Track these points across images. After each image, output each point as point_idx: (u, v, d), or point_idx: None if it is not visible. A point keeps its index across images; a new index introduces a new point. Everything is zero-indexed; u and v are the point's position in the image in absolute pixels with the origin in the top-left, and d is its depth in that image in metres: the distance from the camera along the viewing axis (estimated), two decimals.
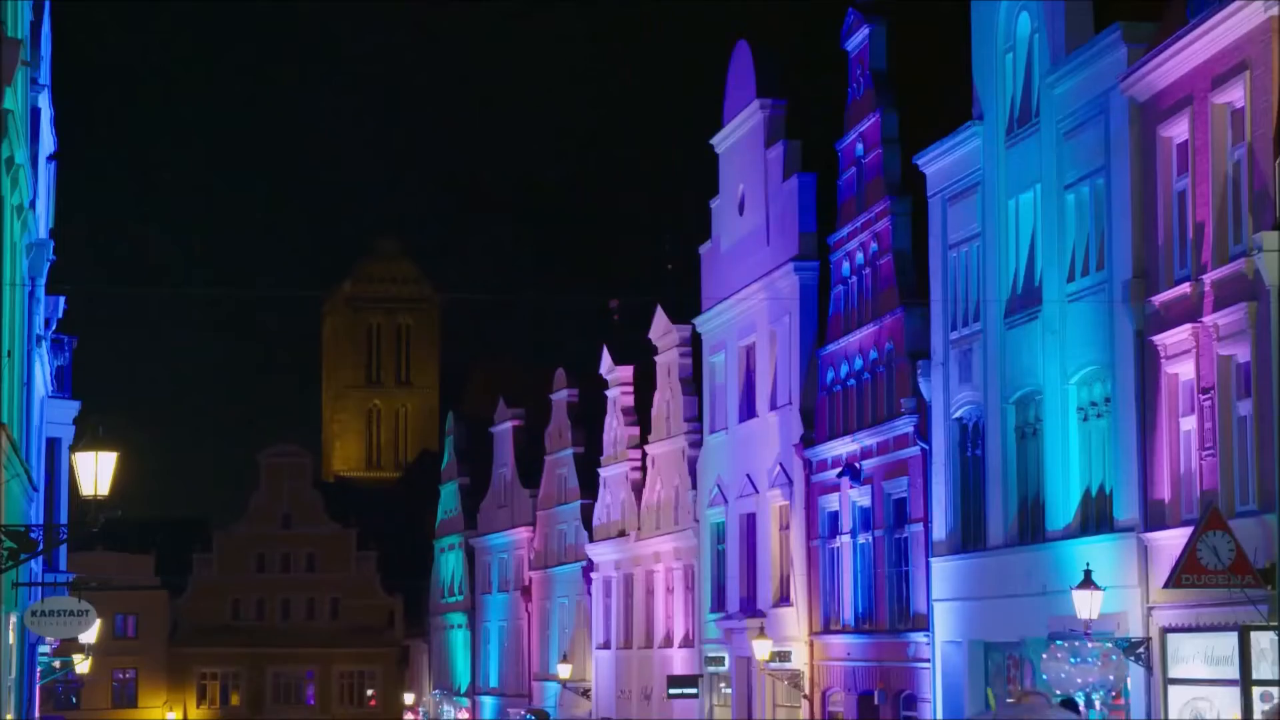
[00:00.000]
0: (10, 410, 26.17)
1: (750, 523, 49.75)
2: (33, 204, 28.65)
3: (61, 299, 36.35)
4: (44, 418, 35.32)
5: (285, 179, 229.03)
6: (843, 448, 42.86)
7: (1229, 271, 27.70)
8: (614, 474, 62.33)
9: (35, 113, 29.84)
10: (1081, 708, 29.52)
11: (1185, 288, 28.95)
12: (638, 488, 59.88)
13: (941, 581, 37.88)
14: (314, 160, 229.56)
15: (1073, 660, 29.12)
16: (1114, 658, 29.43)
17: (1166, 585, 27.45)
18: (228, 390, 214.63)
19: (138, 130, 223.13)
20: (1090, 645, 29.24)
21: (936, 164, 38.36)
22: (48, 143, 33.30)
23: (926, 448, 38.57)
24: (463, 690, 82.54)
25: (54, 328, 36.34)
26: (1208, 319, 28.20)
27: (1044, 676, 29.71)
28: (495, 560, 79.14)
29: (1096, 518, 32.20)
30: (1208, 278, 28.31)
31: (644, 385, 60.41)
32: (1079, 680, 29.33)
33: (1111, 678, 29.52)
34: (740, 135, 50.61)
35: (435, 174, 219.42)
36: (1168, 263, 29.79)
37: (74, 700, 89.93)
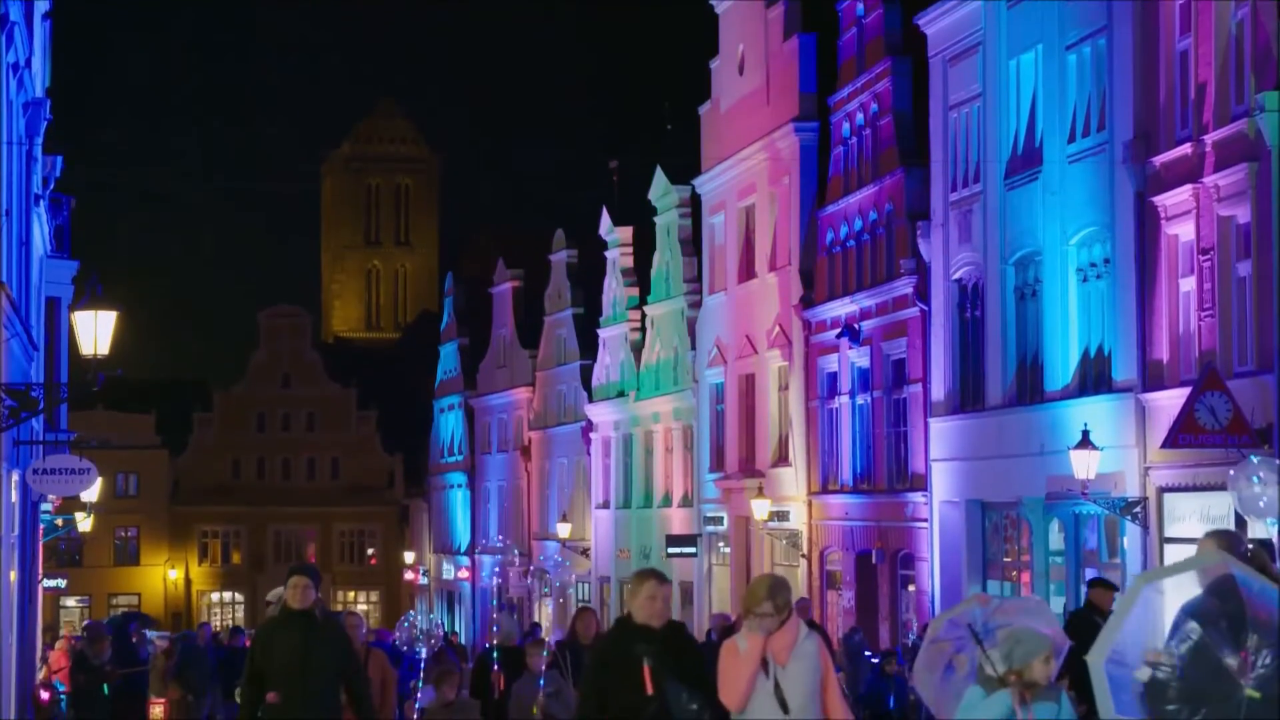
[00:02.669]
0: (9, 269, 26.17)
1: (749, 383, 49.87)
2: (28, 62, 28.49)
3: (59, 158, 36.23)
4: (43, 277, 35.33)
5: (284, 38, 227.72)
6: (842, 309, 42.90)
7: (1230, 132, 27.62)
8: (613, 335, 62.40)
9: None
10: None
11: (1186, 148, 28.86)
12: (637, 348, 59.96)
13: (939, 442, 38.04)
14: (313, 21, 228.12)
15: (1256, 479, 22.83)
16: None
17: (1164, 445, 27.59)
18: (227, 251, 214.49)
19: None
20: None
21: (937, 24, 38.14)
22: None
23: (925, 309, 38.60)
24: (462, 549, 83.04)
25: (52, 187, 36.26)
26: (1208, 179, 28.14)
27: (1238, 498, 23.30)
28: (495, 420, 79.38)
29: (1095, 378, 32.29)
30: (1209, 138, 28.22)
31: (643, 246, 60.33)
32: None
33: None
34: None
35: (434, 34, 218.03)
36: (1169, 123, 29.69)
37: (77, 557, 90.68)
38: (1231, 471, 22.66)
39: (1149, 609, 9.74)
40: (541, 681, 18.76)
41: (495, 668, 21.08)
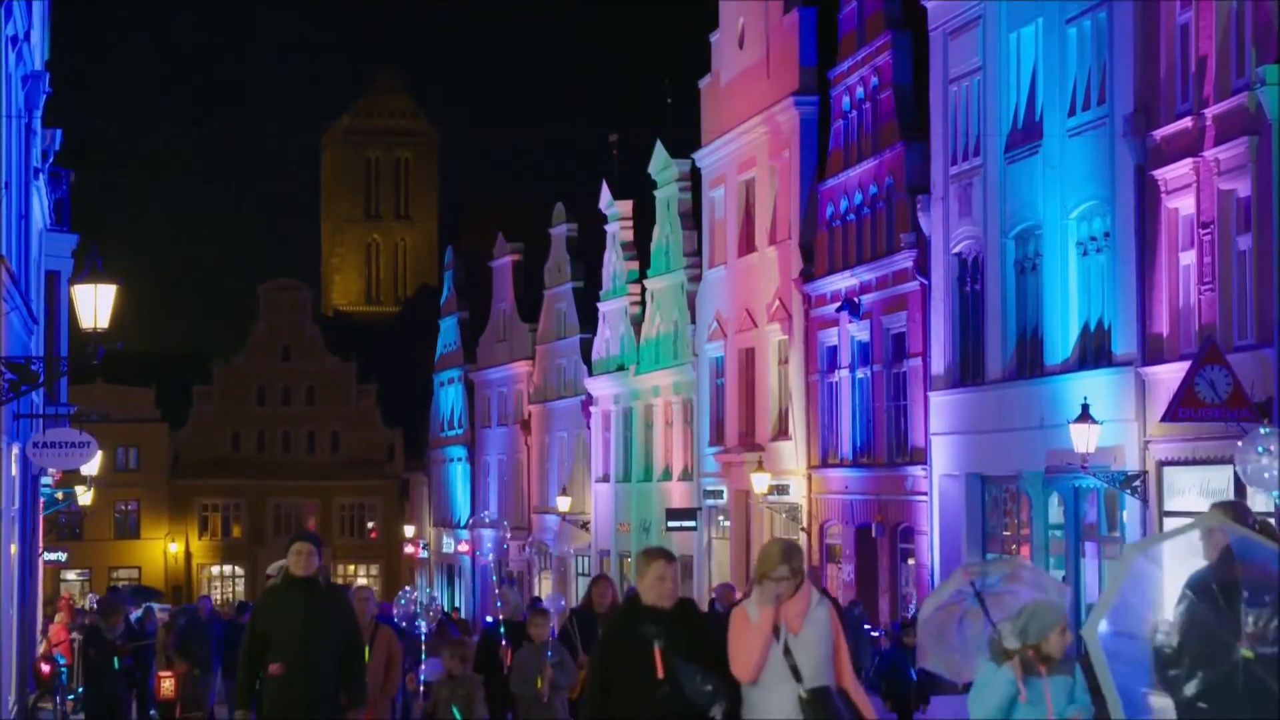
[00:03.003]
0: (9, 243, 26.16)
1: (749, 357, 49.87)
2: (27, 35, 28.45)
3: (58, 132, 36.21)
4: (43, 251, 35.33)
5: (286, 8, 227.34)
6: (842, 282, 42.88)
7: (1230, 105, 27.59)
8: (613, 308, 62.39)
9: None
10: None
11: (1186, 122, 28.83)
12: (637, 322, 59.95)
13: (939, 415, 38.04)
14: None
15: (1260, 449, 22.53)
16: None
17: (1164, 419, 27.58)
18: (227, 224, 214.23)
19: None
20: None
21: None
22: None
23: (925, 282, 38.59)
24: (462, 523, 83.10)
25: (51, 161, 36.23)
26: (1208, 153, 28.11)
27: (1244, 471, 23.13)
28: (494, 394, 79.40)
29: (1095, 352, 32.29)
30: (1209, 111, 28.19)
31: (643, 220, 60.29)
32: None
33: None
34: None
35: (434, 6, 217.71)
36: (1169, 97, 29.65)
37: (77, 531, 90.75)
38: (1239, 443, 22.54)
39: (1144, 578, 9.75)
40: (549, 653, 18.51)
41: (503, 643, 20.81)
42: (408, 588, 40.71)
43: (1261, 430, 22.88)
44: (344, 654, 14.63)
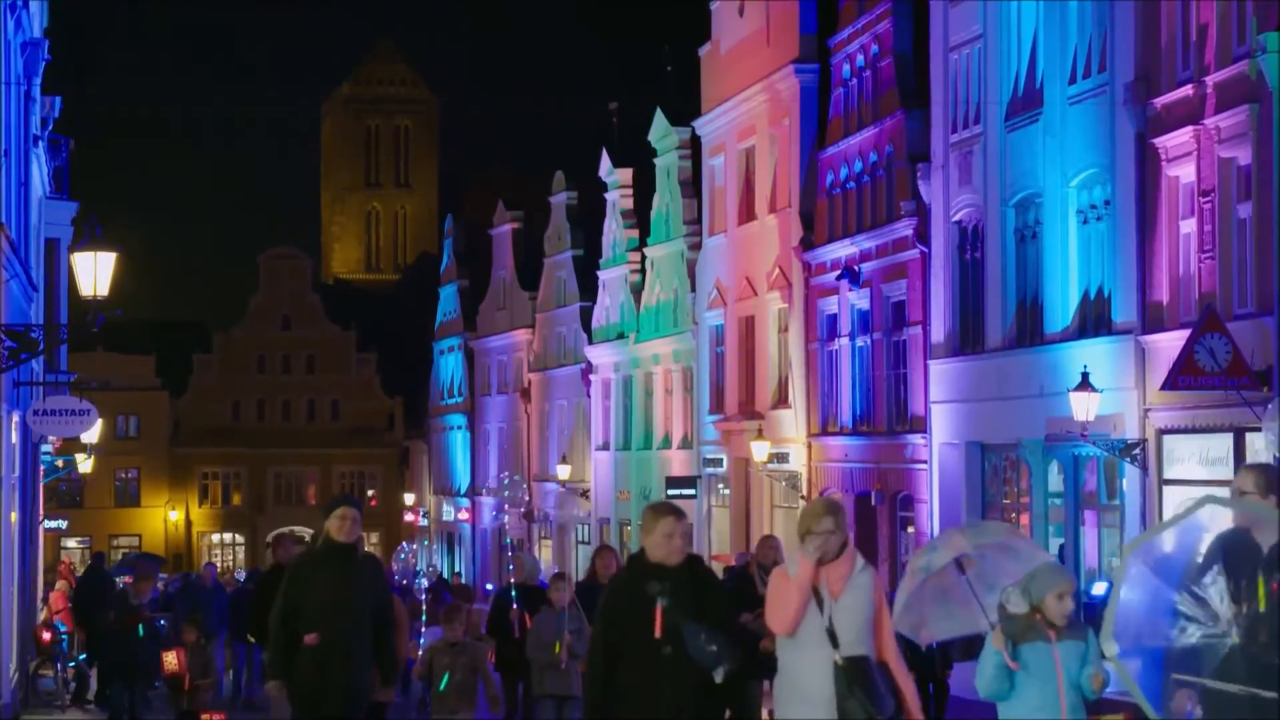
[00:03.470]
0: (8, 210, 26.13)
1: (749, 325, 49.86)
2: (26, 2, 28.40)
3: (58, 99, 36.15)
4: (43, 218, 35.29)
5: None
6: (842, 250, 42.85)
7: (1231, 73, 27.55)
8: (613, 276, 62.36)
9: None
10: None
11: (1187, 90, 28.79)
12: (637, 290, 59.94)
13: (939, 383, 38.05)
14: None
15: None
16: None
17: (1163, 387, 27.59)
18: (227, 192, 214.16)
19: None
20: None
21: None
22: None
23: (926, 250, 38.57)
24: (462, 491, 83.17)
25: (50, 128, 36.18)
26: (1209, 121, 28.08)
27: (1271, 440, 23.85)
28: (494, 362, 79.40)
29: (1095, 320, 32.29)
30: (1210, 79, 28.16)
31: (643, 188, 60.24)
32: None
33: None
34: None
35: None
36: (1170, 65, 29.61)
37: (77, 499, 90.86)
38: (1270, 406, 22.40)
39: (1139, 586, 9.54)
40: (567, 618, 18.25)
41: (515, 606, 20.55)
42: (405, 543, 40.41)
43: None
44: (379, 626, 13.81)
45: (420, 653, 21.32)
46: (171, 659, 20.24)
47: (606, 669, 10.40)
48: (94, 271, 23.05)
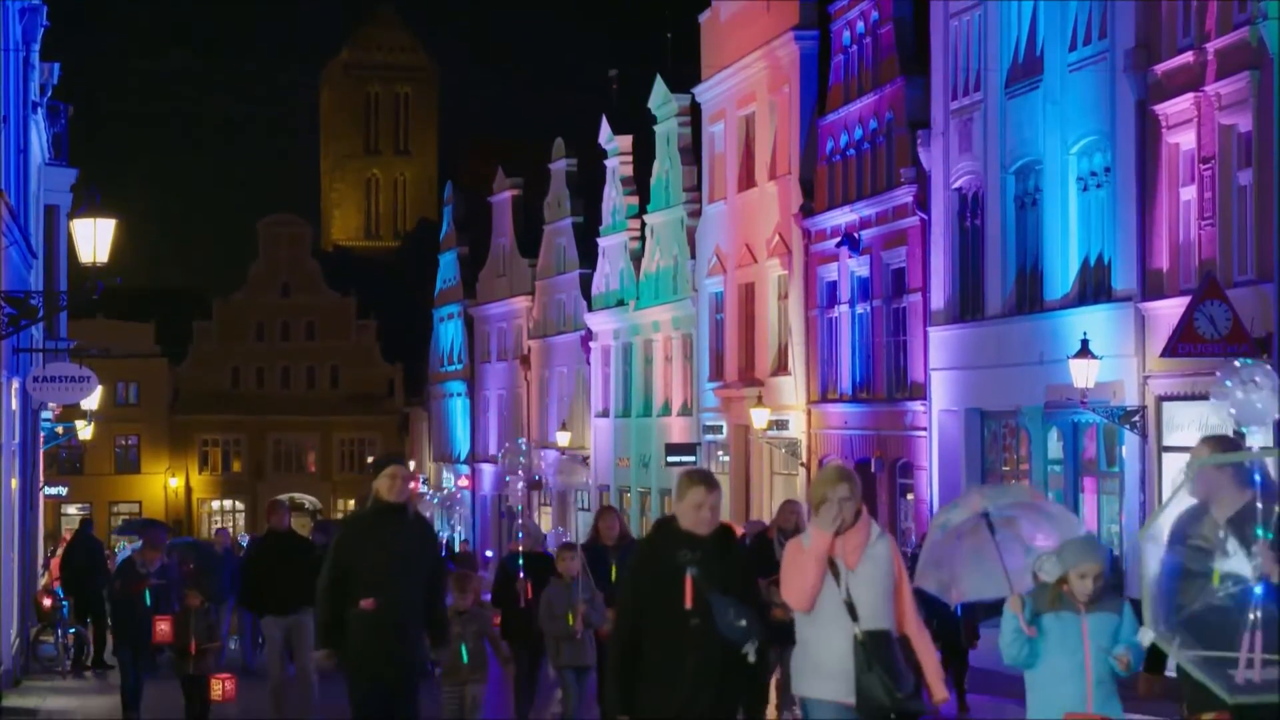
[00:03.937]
0: (7, 177, 26.12)
1: (749, 292, 49.85)
2: None
3: (56, 65, 36.10)
4: (42, 185, 35.27)
5: None
6: (842, 217, 42.83)
7: (1232, 40, 27.51)
8: (613, 244, 62.33)
9: None
10: None
11: (1188, 56, 28.75)
12: (636, 257, 59.91)
13: (939, 351, 38.05)
14: None
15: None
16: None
17: (1163, 354, 27.59)
18: (226, 159, 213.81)
19: None
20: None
21: None
22: None
23: (925, 217, 38.54)
24: (462, 458, 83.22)
25: (49, 95, 36.14)
26: (1209, 88, 28.05)
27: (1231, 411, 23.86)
28: (494, 329, 79.40)
29: (1094, 287, 32.28)
30: (1211, 46, 28.11)
31: (643, 155, 60.18)
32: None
33: None
34: None
35: None
36: (1170, 31, 29.56)
37: (78, 465, 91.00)
38: (1222, 377, 22.16)
39: (1156, 563, 9.54)
40: (579, 588, 17.97)
41: (520, 575, 20.06)
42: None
43: (1239, 363, 22.43)
44: (430, 590, 13.36)
45: None
46: (164, 627, 20.20)
47: (634, 639, 10.02)
48: (94, 238, 23.04)
